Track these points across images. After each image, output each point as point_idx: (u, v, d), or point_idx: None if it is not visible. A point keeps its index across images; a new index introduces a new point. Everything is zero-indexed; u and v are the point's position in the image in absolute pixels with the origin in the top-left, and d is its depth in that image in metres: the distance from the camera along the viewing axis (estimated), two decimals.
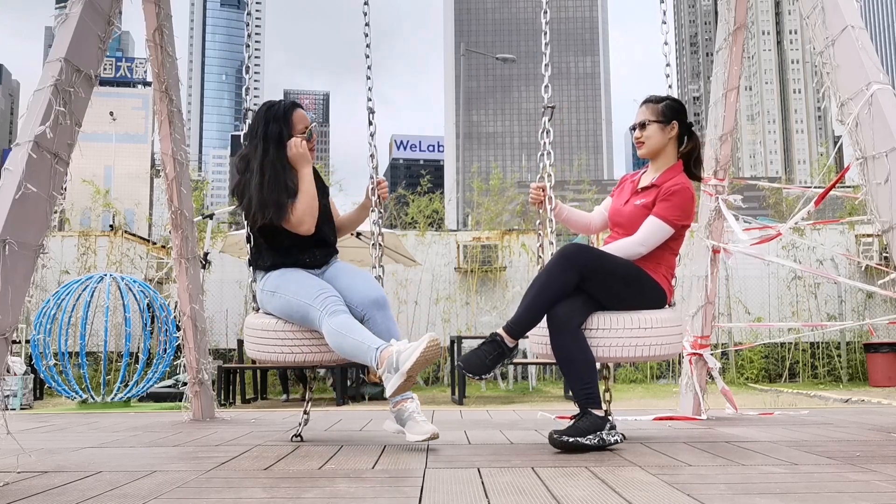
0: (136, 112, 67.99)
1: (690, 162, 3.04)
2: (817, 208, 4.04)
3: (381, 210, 3.18)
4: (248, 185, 2.92)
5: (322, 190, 3.12)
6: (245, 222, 3.04)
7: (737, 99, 4.04)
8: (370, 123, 3.26)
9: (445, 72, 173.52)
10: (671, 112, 3.02)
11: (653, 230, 2.86)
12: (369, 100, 3.28)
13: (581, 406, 2.68)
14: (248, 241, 3.08)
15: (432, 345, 2.49)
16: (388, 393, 2.54)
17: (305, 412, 3.16)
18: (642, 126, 3.03)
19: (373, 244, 3.19)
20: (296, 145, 2.94)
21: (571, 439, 2.58)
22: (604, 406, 2.84)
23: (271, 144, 2.95)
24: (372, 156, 3.24)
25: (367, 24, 3.39)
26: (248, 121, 3.10)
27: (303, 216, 2.90)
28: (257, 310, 3.09)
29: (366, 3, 3.41)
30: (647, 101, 3.08)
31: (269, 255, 3.00)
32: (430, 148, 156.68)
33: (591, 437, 2.60)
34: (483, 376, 2.75)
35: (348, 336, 2.67)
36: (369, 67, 3.35)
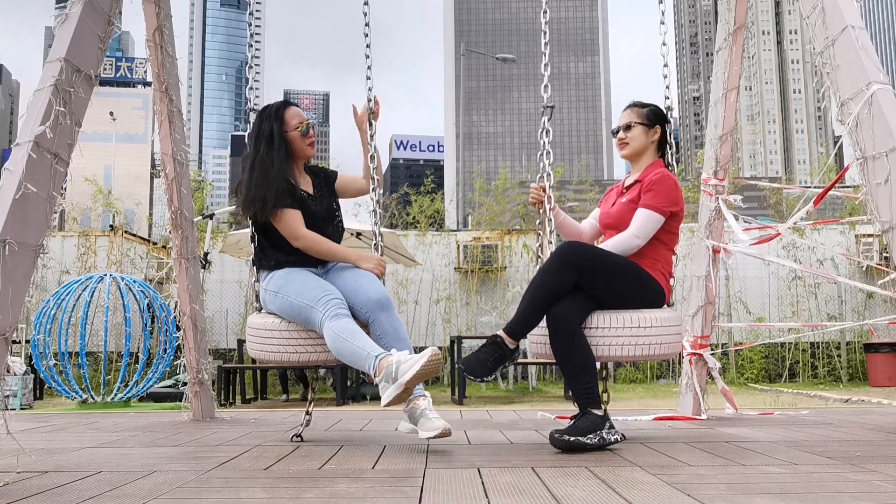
0: (136, 112, 67.99)
1: (666, 159, 3.15)
2: (817, 208, 4.04)
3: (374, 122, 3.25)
4: (242, 183, 3.04)
5: (331, 190, 3.25)
6: (249, 221, 3.11)
7: (737, 99, 4.04)
8: (370, 125, 3.29)
9: (445, 72, 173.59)
10: (655, 117, 3.12)
11: (644, 220, 2.90)
12: (369, 100, 3.28)
13: (580, 406, 2.69)
14: (253, 240, 3.11)
15: (434, 359, 2.48)
16: (383, 403, 2.52)
17: (308, 412, 3.15)
18: (627, 128, 3.11)
19: (374, 244, 3.20)
20: (376, 262, 3.03)
21: (573, 438, 2.59)
22: (602, 406, 2.83)
23: (262, 142, 3.03)
24: (373, 157, 3.27)
25: (367, 25, 3.38)
26: (252, 121, 3.17)
27: (304, 241, 2.97)
28: (260, 309, 3.09)
29: (366, 3, 3.40)
30: (633, 105, 3.18)
31: (273, 255, 3.03)
32: (430, 148, 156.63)
33: (591, 436, 2.61)
34: (484, 378, 2.76)
35: (348, 341, 2.67)
36: (369, 68, 3.34)
